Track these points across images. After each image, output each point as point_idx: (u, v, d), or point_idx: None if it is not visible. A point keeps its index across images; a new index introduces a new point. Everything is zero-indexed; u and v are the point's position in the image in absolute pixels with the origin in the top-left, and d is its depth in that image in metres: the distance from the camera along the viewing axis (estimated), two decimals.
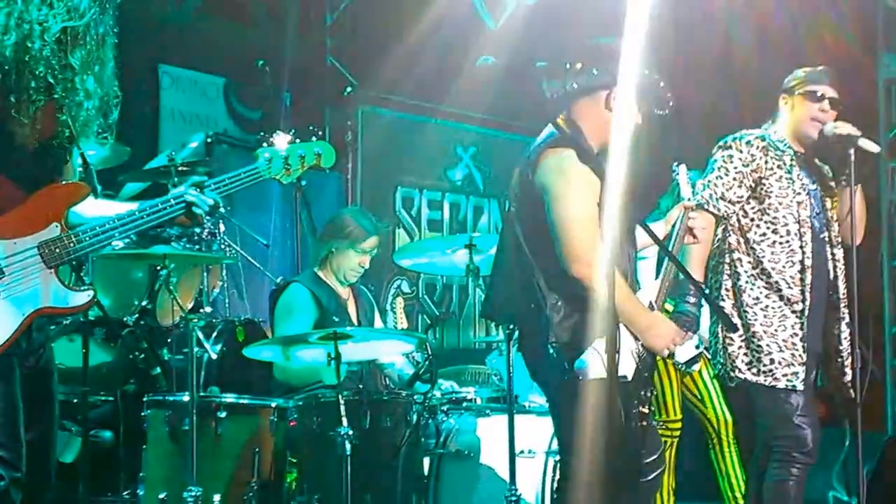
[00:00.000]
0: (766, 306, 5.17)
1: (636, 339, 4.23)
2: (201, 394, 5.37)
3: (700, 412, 7.14)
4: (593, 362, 4.09)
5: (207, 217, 4.17)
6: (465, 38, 9.68)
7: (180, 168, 6.44)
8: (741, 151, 5.21)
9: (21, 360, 3.84)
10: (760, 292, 5.19)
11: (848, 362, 5.27)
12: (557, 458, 5.18)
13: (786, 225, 5.19)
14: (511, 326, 4.93)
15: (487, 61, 3.89)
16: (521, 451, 5.48)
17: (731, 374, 5.21)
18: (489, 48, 8.82)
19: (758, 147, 5.22)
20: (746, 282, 5.20)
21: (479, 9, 9.79)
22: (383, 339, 5.69)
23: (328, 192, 8.74)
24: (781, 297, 5.17)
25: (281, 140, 4.30)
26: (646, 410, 4.29)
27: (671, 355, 4.79)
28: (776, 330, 5.15)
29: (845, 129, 5.21)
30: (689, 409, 7.16)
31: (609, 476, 3.68)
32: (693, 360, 6.61)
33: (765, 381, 5.14)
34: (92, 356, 5.75)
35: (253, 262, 6.82)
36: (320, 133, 4.51)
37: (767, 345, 5.14)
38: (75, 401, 5.67)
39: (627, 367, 4.18)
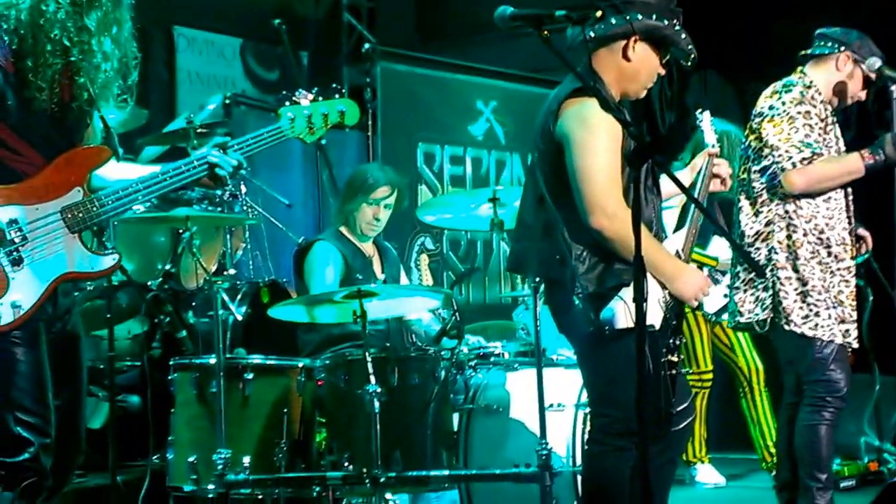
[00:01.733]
0: (820, 261, 5.20)
1: (663, 287, 4.18)
2: (228, 356, 5.36)
3: (731, 361, 7.14)
4: (620, 312, 4.07)
5: (230, 178, 4.13)
6: None
7: (199, 130, 6.43)
8: (810, 101, 5.25)
9: (48, 326, 3.84)
10: (815, 248, 5.21)
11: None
12: (587, 410, 5.17)
13: None
14: (537, 280, 4.89)
15: (506, 13, 3.82)
16: (551, 405, 5.46)
17: (786, 327, 5.19)
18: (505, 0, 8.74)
19: (817, 99, 5.26)
20: (803, 236, 5.21)
21: None
22: (409, 296, 5.67)
23: (349, 150, 8.72)
24: (830, 254, 5.18)
25: (304, 98, 4.26)
26: (675, 359, 4.26)
27: (700, 306, 4.75)
28: (828, 286, 5.18)
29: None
30: (719, 359, 7.14)
31: (639, 425, 3.65)
32: (722, 310, 6.61)
33: (822, 335, 5.17)
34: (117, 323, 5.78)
35: (276, 223, 6.81)
36: (343, 90, 4.43)
37: (824, 300, 5.17)
38: (101, 366, 5.69)
39: (655, 316, 4.13)
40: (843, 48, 5.39)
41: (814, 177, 5.19)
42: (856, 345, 5.26)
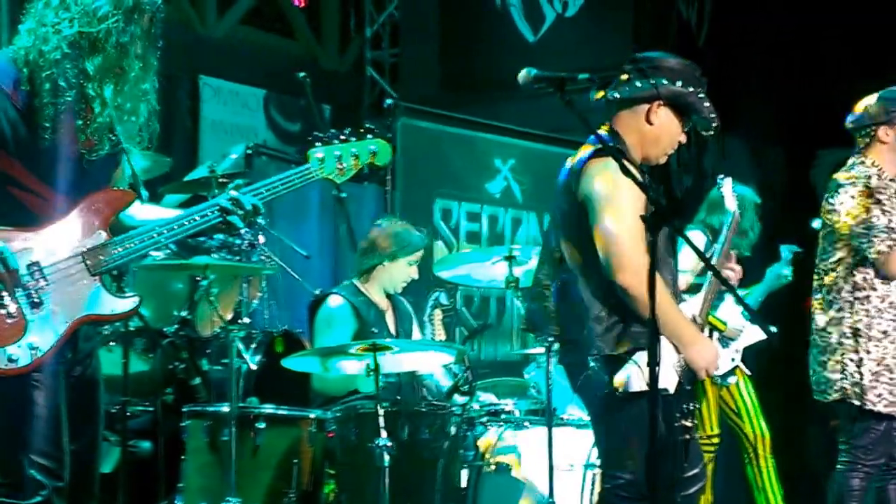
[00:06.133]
0: (895, 339, 5.44)
1: (678, 351, 4.20)
2: (240, 404, 5.38)
3: (737, 427, 7.12)
4: (635, 375, 4.08)
5: (245, 225, 4.10)
6: (504, 51, 9.70)
7: (220, 179, 6.46)
8: (881, 193, 5.48)
9: (68, 370, 3.85)
10: (889, 325, 5.45)
11: None
12: (597, 470, 5.17)
13: None
14: (549, 339, 4.91)
15: (530, 74, 3.86)
16: (560, 464, 5.47)
17: (859, 403, 5.44)
18: (528, 61, 8.82)
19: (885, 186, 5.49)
20: (875, 315, 5.44)
21: (517, 22, 9.81)
22: (422, 351, 5.69)
23: (367, 203, 8.76)
24: None
25: (335, 138, 4.17)
26: (689, 424, 4.27)
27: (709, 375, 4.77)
28: None
29: None
30: (726, 423, 7.13)
31: (650, 490, 3.66)
32: (729, 374, 6.63)
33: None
34: (132, 366, 5.79)
35: (292, 274, 6.83)
36: (375, 130, 4.32)
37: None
38: (114, 410, 5.70)
39: (669, 380, 4.15)
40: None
41: None
42: None
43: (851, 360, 5.42)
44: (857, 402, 5.43)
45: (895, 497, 5.51)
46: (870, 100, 5.63)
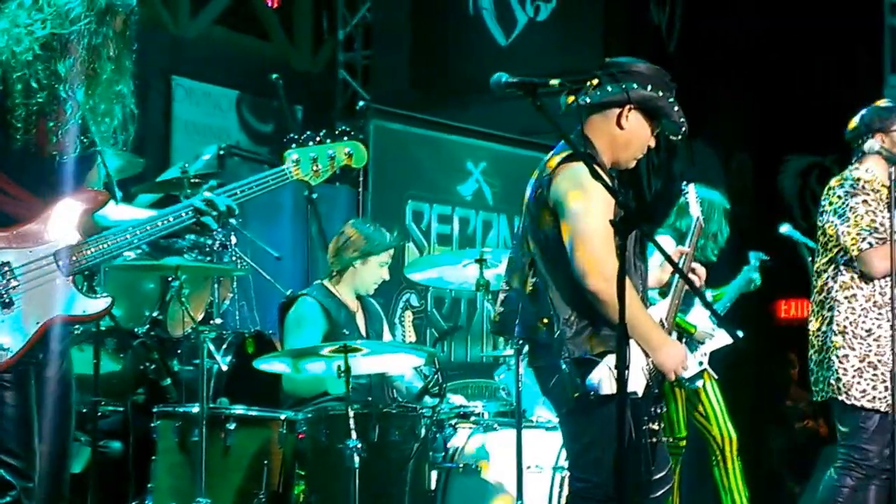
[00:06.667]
0: (879, 336, 5.48)
1: (647, 355, 4.23)
2: (211, 405, 5.39)
3: (705, 429, 7.17)
4: (606, 378, 4.10)
5: (219, 225, 4.11)
6: (476, 55, 9.73)
7: (193, 180, 6.47)
8: (867, 194, 5.51)
9: (39, 370, 3.86)
10: (874, 323, 5.50)
11: None
12: (565, 473, 5.20)
13: None
14: (520, 341, 4.94)
15: (503, 78, 3.89)
16: (529, 466, 5.50)
17: (843, 398, 5.51)
18: (500, 64, 8.87)
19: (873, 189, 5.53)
20: (860, 314, 5.50)
21: (489, 25, 9.85)
22: (393, 353, 5.71)
23: (339, 204, 8.78)
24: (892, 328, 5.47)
25: (310, 140, 4.17)
26: (656, 427, 4.30)
27: (677, 378, 4.81)
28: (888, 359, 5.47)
29: None
30: (693, 426, 7.18)
31: (618, 493, 3.69)
32: (697, 377, 6.68)
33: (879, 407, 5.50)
34: (102, 366, 5.79)
35: (264, 275, 6.85)
36: (351, 132, 4.35)
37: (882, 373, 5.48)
38: (84, 410, 5.69)
39: (638, 384, 4.18)
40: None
41: None
42: None
43: (837, 356, 5.50)
44: (842, 398, 5.50)
45: (874, 497, 5.55)
46: (864, 111, 5.72)
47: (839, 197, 5.57)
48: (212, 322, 5.96)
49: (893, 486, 5.44)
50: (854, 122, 5.71)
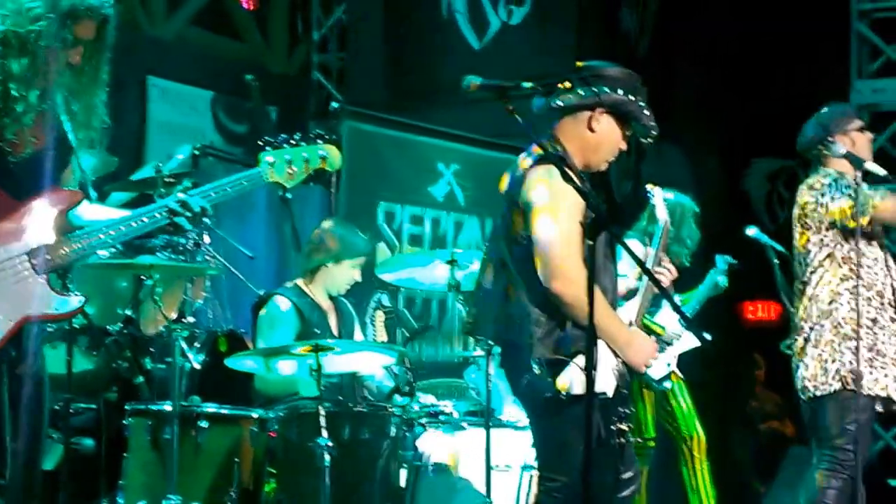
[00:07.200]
0: (883, 326, 5.61)
1: (616, 355, 4.28)
2: (183, 403, 5.42)
3: (673, 430, 7.22)
4: (577, 378, 4.13)
5: (193, 225, 4.13)
6: (450, 57, 9.77)
7: (167, 179, 6.49)
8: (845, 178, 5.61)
9: (11, 368, 3.87)
10: (878, 312, 5.63)
11: None
12: (533, 472, 5.25)
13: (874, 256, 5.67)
14: (491, 342, 4.99)
15: (475, 81, 3.94)
16: (497, 465, 5.55)
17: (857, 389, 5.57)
18: (473, 67, 8.90)
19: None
20: (862, 303, 5.59)
21: (463, 28, 9.90)
22: (364, 352, 5.75)
23: (312, 204, 8.80)
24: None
25: (285, 143, 4.19)
26: (624, 427, 4.34)
27: (644, 373, 4.87)
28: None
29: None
30: (661, 426, 7.24)
31: (586, 492, 3.74)
32: (665, 378, 6.74)
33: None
34: (75, 364, 5.80)
35: (237, 274, 6.87)
36: (326, 136, 4.36)
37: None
38: (57, 407, 5.71)
39: (608, 384, 4.23)
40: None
41: None
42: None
43: (849, 348, 5.58)
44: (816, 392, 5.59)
45: (821, 480, 5.62)
46: (816, 117, 5.79)
47: (824, 184, 5.63)
48: (185, 321, 5.96)
49: (857, 483, 5.50)
50: (807, 129, 5.76)
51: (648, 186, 5.26)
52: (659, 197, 5.16)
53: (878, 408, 5.67)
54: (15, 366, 3.90)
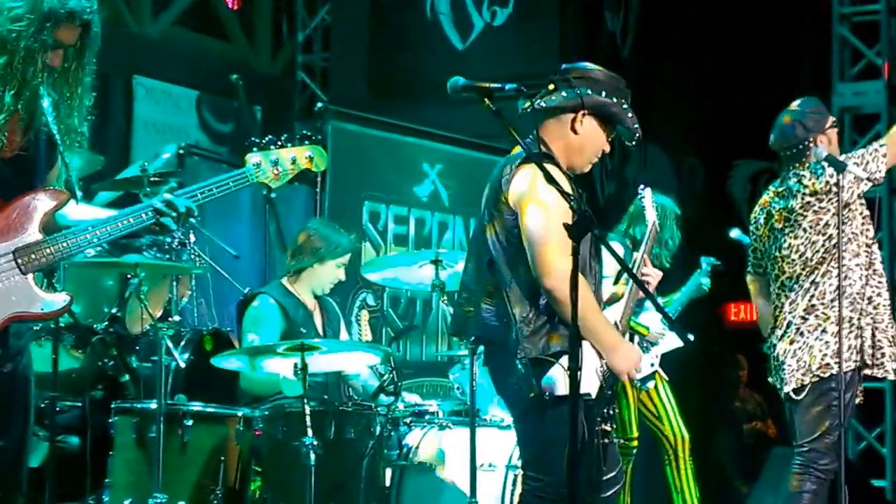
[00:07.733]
0: (878, 304, 5.61)
1: (601, 356, 4.29)
2: (169, 401, 5.44)
3: (657, 429, 7.25)
4: (562, 379, 4.14)
5: (178, 225, 4.14)
6: (433, 58, 9.80)
7: (152, 178, 6.51)
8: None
9: None
10: (874, 291, 5.63)
11: None
12: (518, 471, 5.28)
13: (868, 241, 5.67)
14: (475, 341, 5.00)
15: (459, 83, 3.97)
16: (482, 465, 5.57)
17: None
18: (457, 68, 8.92)
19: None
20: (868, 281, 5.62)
21: (447, 29, 9.92)
22: (350, 351, 5.77)
23: (297, 204, 8.82)
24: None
25: (272, 144, 4.20)
26: (608, 428, 4.36)
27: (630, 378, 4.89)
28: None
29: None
30: (645, 426, 7.27)
31: (570, 492, 3.76)
32: (649, 378, 6.78)
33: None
34: (61, 362, 5.82)
35: (222, 273, 6.89)
36: (313, 136, 4.37)
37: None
38: (43, 405, 5.73)
39: (592, 385, 4.24)
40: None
41: None
42: None
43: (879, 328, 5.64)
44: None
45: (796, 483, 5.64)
46: (791, 116, 5.76)
47: (805, 178, 5.66)
48: (170, 319, 6.00)
49: (839, 479, 5.52)
50: (785, 129, 5.74)
51: (641, 187, 5.28)
52: (649, 198, 5.19)
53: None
54: (1, 364, 3.90)
